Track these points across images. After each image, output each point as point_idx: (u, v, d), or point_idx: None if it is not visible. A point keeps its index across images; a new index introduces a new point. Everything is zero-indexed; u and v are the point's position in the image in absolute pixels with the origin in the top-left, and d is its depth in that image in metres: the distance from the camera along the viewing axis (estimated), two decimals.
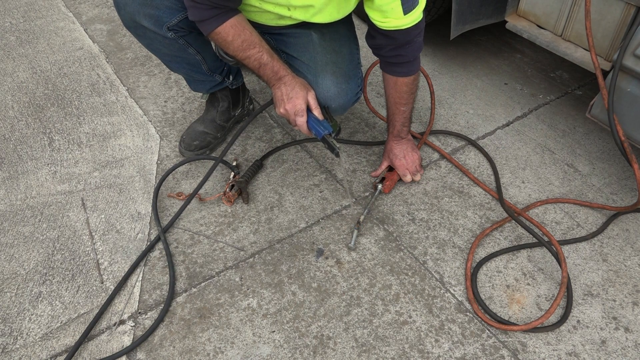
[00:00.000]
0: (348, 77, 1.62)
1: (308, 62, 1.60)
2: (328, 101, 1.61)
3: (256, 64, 1.48)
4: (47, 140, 2.00)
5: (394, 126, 1.76)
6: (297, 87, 1.49)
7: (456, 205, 1.78)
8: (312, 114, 1.52)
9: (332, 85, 1.59)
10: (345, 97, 1.62)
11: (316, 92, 1.59)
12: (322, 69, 1.59)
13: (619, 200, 1.81)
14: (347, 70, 1.62)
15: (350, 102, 1.66)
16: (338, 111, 1.68)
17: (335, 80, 1.59)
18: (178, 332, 1.43)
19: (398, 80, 1.62)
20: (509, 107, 2.21)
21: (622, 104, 1.58)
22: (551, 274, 1.58)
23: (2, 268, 1.57)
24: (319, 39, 1.60)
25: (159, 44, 1.62)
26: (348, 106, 1.68)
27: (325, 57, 1.59)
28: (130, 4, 1.51)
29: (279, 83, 1.50)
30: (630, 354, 1.40)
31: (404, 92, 1.64)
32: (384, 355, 1.39)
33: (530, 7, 1.95)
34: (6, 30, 2.61)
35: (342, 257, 1.62)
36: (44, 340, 1.41)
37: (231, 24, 1.43)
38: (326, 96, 1.60)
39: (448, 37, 2.16)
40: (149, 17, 1.52)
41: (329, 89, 1.59)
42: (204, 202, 1.77)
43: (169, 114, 2.13)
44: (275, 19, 1.57)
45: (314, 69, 1.59)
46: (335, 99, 1.61)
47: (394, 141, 1.80)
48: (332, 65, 1.59)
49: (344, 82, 1.60)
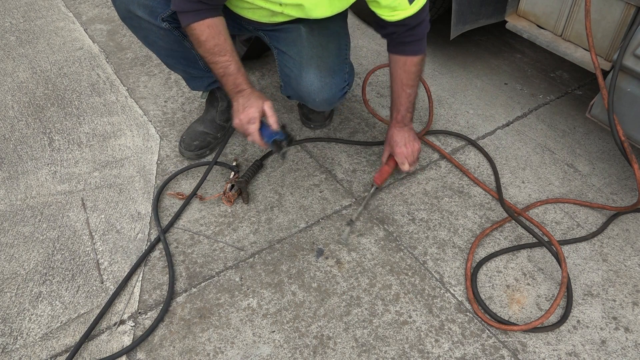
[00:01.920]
0: (333, 71, 1.62)
1: (294, 56, 1.61)
2: (312, 95, 1.62)
3: (222, 71, 1.49)
4: (47, 140, 2.00)
5: (399, 111, 1.73)
6: (252, 98, 1.50)
7: (456, 205, 1.78)
8: (266, 125, 1.53)
9: (315, 79, 1.60)
10: (329, 91, 1.63)
11: (300, 85, 1.60)
12: (307, 63, 1.60)
13: (619, 200, 1.81)
14: (332, 64, 1.63)
15: (335, 97, 1.66)
16: (323, 106, 1.68)
17: (319, 74, 1.60)
18: (178, 332, 1.43)
19: (408, 60, 1.61)
20: (509, 107, 2.21)
21: (622, 104, 1.58)
22: (551, 274, 1.58)
23: (2, 268, 1.57)
24: (307, 33, 1.61)
25: (154, 36, 1.62)
26: (333, 101, 1.68)
27: (311, 51, 1.60)
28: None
29: (238, 95, 1.52)
30: (630, 354, 1.40)
31: (412, 72, 1.64)
32: (384, 355, 1.39)
33: (530, 7, 1.95)
34: (6, 30, 2.61)
35: (342, 257, 1.62)
36: (44, 340, 1.41)
37: (208, 23, 1.43)
38: (310, 90, 1.61)
39: (448, 37, 2.16)
40: (143, 7, 1.53)
41: (312, 82, 1.60)
42: (204, 202, 1.77)
43: (169, 114, 2.13)
44: (268, 15, 1.58)
45: (299, 62, 1.60)
46: (319, 93, 1.61)
47: (396, 128, 1.76)
48: (317, 59, 1.60)
49: (328, 76, 1.61)
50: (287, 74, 1.67)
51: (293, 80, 1.65)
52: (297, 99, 1.76)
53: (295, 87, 1.67)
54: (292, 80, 1.66)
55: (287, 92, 1.76)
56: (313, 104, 1.68)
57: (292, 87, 1.68)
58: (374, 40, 2.55)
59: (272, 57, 2.43)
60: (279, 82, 2.29)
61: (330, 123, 2.09)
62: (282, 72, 1.70)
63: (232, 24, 1.73)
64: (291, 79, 1.66)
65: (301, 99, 1.71)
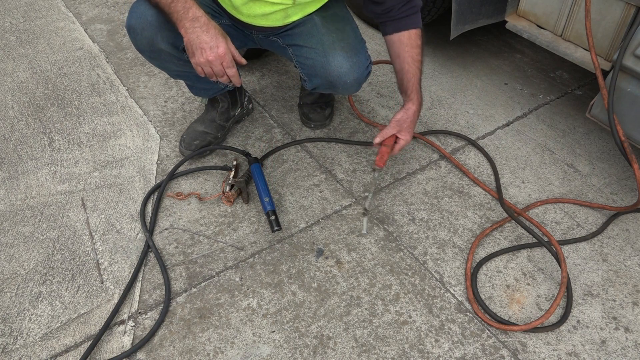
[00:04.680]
0: (357, 50, 1.62)
1: (316, 45, 1.60)
2: (342, 77, 1.60)
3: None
4: (47, 140, 2.00)
5: (416, 90, 1.61)
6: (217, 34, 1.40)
7: (456, 205, 1.78)
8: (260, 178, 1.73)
9: (344, 61, 1.58)
10: (358, 70, 1.61)
11: (329, 71, 1.58)
12: (331, 47, 1.58)
13: (619, 200, 1.81)
14: (354, 44, 1.62)
15: (363, 76, 1.65)
16: (353, 87, 1.66)
17: (346, 55, 1.58)
18: (178, 332, 1.43)
19: (412, 33, 1.59)
20: (509, 107, 2.21)
21: (622, 104, 1.58)
22: (551, 274, 1.58)
23: (2, 268, 1.57)
24: (322, 22, 1.61)
25: (172, 64, 1.64)
26: (362, 80, 1.66)
27: (331, 36, 1.59)
28: (148, 28, 1.51)
29: (192, 24, 1.37)
30: (630, 354, 1.40)
31: (418, 46, 1.60)
32: (384, 355, 1.39)
33: (530, 7, 1.95)
34: (6, 30, 2.61)
35: (342, 257, 1.62)
36: (44, 340, 1.41)
37: None
38: (340, 72, 1.59)
39: (448, 37, 2.16)
40: (166, 39, 1.52)
41: (341, 64, 1.58)
42: (204, 202, 1.77)
43: (169, 114, 2.13)
44: (282, 18, 1.58)
45: (322, 50, 1.59)
46: (349, 74, 1.60)
47: (416, 112, 1.63)
48: (340, 42, 1.59)
49: (354, 56, 1.60)
50: (312, 65, 1.63)
51: (320, 69, 1.61)
52: (326, 88, 1.69)
53: (323, 75, 1.62)
54: (319, 69, 1.62)
55: (314, 83, 1.69)
56: (344, 87, 1.64)
57: (320, 76, 1.63)
58: (374, 41, 2.55)
59: (272, 57, 2.43)
60: (278, 82, 2.30)
61: (330, 123, 2.09)
62: (304, 65, 1.66)
63: (240, 38, 1.72)
64: (317, 69, 1.62)
65: (331, 85, 1.66)
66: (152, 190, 1.79)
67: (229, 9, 1.61)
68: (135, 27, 1.53)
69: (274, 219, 1.64)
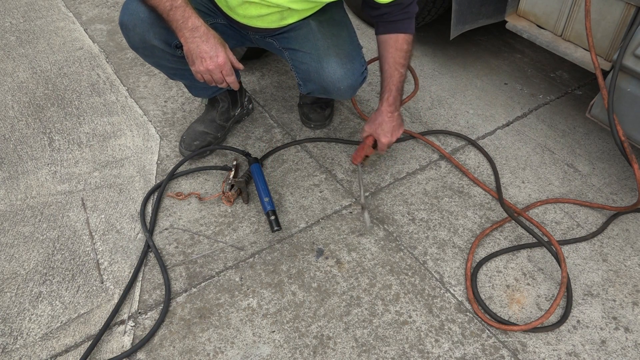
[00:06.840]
0: (351, 57, 1.62)
1: (310, 50, 1.60)
2: (336, 83, 1.61)
3: (168, 5, 1.38)
4: (47, 140, 2.00)
5: (390, 91, 1.65)
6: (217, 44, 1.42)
7: (456, 205, 1.78)
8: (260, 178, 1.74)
9: (337, 67, 1.59)
10: (352, 76, 1.62)
11: (323, 77, 1.59)
12: (325, 53, 1.59)
13: (619, 200, 1.81)
14: (349, 50, 1.62)
15: (357, 82, 1.66)
16: (347, 93, 1.67)
17: (340, 61, 1.59)
18: (178, 332, 1.43)
19: (399, 37, 1.61)
20: (509, 107, 2.21)
21: (622, 104, 1.58)
22: (551, 274, 1.58)
23: (2, 268, 1.57)
24: (317, 26, 1.61)
25: (166, 61, 1.63)
26: (356, 86, 1.67)
27: (326, 42, 1.60)
28: (140, 24, 1.51)
29: (192, 34, 1.39)
30: (630, 354, 1.40)
31: (404, 50, 1.63)
32: (384, 355, 1.39)
33: (530, 7, 1.95)
34: (6, 30, 2.61)
35: (342, 257, 1.62)
36: (44, 340, 1.41)
37: None
38: (334, 79, 1.60)
39: (448, 37, 2.16)
40: (159, 35, 1.52)
41: (335, 71, 1.59)
42: (204, 202, 1.77)
43: (169, 114, 2.13)
44: (278, 20, 1.58)
45: (317, 55, 1.59)
46: (343, 80, 1.61)
47: (387, 113, 1.67)
48: (335, 48, 1.60)
49: (348, 63, 1.60)
50: (306, 70, 1.64)
51: (314, 74, 1.63)
52: (320, 93, 1.71)
53: (317, 80, 1.64)
54: (313, 74, 1.63)
55: (308, 88, 1.72)
56: (338, 92, 1.66)
57: (314, 81, 1.65)
58: (374, 41, 2.54)
59: (272, 57, 2.43)
60: (278, 82, 2.30)
61: (330, 123, 2.09)
62: (299, 69, 1.68)
63: (237, 37, 1.73)
64: (311, 73, 1.63)
65: (325, 91, 1.67)
66: (152, 190, 1.79)
67: (225, 9, 1.62)
68: (128, 24, 1.53)
69: (274, 219, 1.65)
